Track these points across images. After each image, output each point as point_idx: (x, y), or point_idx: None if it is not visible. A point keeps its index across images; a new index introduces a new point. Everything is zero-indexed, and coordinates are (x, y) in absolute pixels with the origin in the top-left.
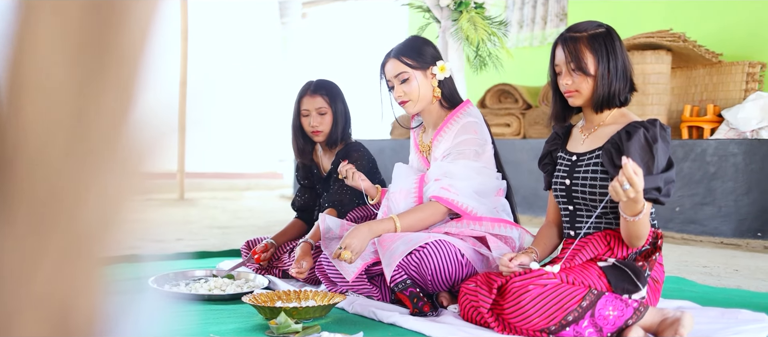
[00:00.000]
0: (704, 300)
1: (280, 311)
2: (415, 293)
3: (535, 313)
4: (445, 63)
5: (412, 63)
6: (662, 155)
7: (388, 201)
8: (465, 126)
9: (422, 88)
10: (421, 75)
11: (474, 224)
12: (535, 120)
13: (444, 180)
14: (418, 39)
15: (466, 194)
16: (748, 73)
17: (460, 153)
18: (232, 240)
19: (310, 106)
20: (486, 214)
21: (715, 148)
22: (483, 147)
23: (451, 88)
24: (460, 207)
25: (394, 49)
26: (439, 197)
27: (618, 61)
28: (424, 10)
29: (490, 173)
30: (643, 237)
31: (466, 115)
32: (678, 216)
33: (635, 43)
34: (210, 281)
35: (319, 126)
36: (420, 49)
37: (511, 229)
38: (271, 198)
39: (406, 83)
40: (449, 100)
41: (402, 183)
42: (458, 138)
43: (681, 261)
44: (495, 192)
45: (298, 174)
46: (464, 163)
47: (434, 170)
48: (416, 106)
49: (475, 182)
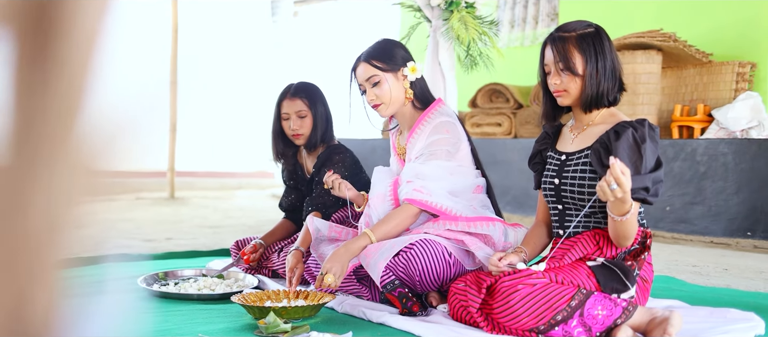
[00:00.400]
0: (693, 299)
1: (269, 310)
2: (404, 293)
3: (524, 312)
4: (415, 64)
5: (383, 66)
6: (651, 155)
7: (368, 207)
8: (437, 126)
9: (394, 90)
10: (393, 77)
11: (450, 224)
12: (526, 119)
13: (416, 182)
14: (388, 41)
15: (440, 194)
16: (738, 73)
17: (432, 154)
18: (222, 239)
19: (290, 109)
20: (463, 212)
21: (706, 148)
22: (456, 146)
23: (423, 88)
24: (435, 207)
25: (364, 53)
26: (411, 200)
27: (606, 61)
28: (415, 10)
29: (464, 171)
30: (631, 237)
31: (437, 114)
32: (668, 215)
33: (626, 43)
34: (199, 280)
35: (299, 129)
36: (390, 52)
37: (489, 226)
38: (262, 197)
39: (377, 86)
40: (422, 101)
41: (378, 187)
42: (430, 138)
43: (671, 260)
44: (471, 190)
45: (284, 175)
46: (436, 163)
47: (406, 172)
48: (389, 109)
49: (447, 181)
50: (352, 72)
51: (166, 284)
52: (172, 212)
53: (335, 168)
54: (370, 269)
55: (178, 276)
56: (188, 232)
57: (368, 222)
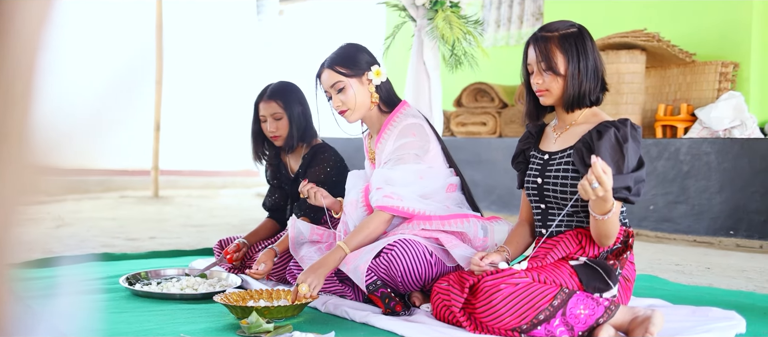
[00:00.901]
0: (676, 298)
1: (252, 310)
2: (387, 293)
3: (506, 312)
4: (379, 67)
5: (346, 71)
6: (633, 155)
7: (344, 215)
8: (403, 129)
9: (359, 95)
10: (357, 82)
11: (424, 224)
12: (511, 119)
13: (386, 188)
14: (351, 46)
15: (411, 198)
16: (721, 72)
17: (400, 158)
18: (206, 239)
19: (266, 112)
20: (436, 212)
21: (689, 147)
22: (424, 148)
23: (389, 91)
24: (407, 211)
25: (327, 59)
26: (382, 206)
27: (588, 61)
28: (400, 9)
29: (435, 172)
30: (613, 236)
31: (403, 117)
32: (652, 214)
33: (610, 43)
34: (182, 280)
35: (276, 131)
36: (353, 57)
37: (464, 223)
38: (247, 196)
39: (342, 92)
40: (388, 104)
41: (350, 194)
42: (397, 142)
43: (654, 259)
44: (444, 190)
45: (267, 175)
46: (405, 167)
47: (375, 179)
48: (355, 114)
49: (418, 185)
50: (317, 79)
51: (149, 283)
52: (156, 210)
53: (320, 167)
54: (352, 274)
55: (161, 276)
56: (172, 231)
57: (346, 230)
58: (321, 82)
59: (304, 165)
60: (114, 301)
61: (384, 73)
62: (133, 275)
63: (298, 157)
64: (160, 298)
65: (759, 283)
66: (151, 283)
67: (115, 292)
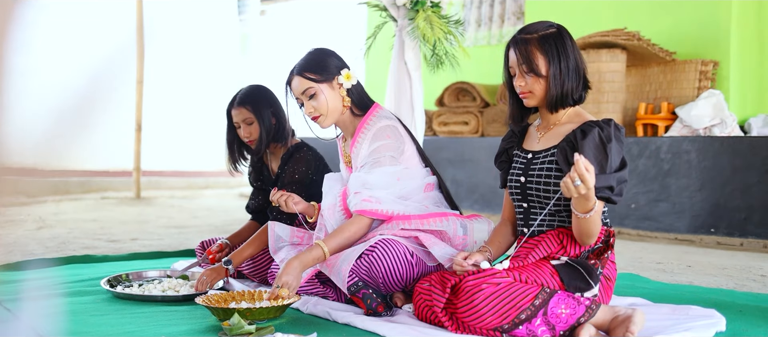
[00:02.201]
0: (657, 297)
1: (234, 312)
2: (369, 294)
3: (488, 312)
4: (349, 71)
5: (316, 77)
6: (616, 155)
7: (321, 218)
8: (377, 132)
9: (331, 100)
10: (328, 87)
11: (403, 223)
12: (493, 118)
13: (364, 191)
14: (320, 51)
15: (389, 201)
16: (700, 71)
17: (376, 161)
18: (188, 240)
19: (238, 118)
20: (414, 212)
21: (670, 146)
22: (399, 149)
23: (361, 94)
24: (386, 214)
25: (296, 66)
26: (361, 211)
27: (569, 60)
28: (381, 9)
29: (412, 173)
30: (594, 235)
31: (376, 119)
32: (634, 213)
33: (590, 42)
34: (164, 281)
35: (250, 136)
36: (323, 62)
37: (443, 221)
38: (230, 197)
39: (313, 98)
40: (360, 107)
41: (328, 198)
42: (373, 145)
43: (635, 258)
44: (421, 190)
45: (250, 177)
46: (382, 170)
47: (353, 183)
48: (327, 119)
49: (395, 187)
50: (287, 86)
51: (130, 285)
52: (138, 211)
53: (296, 167)
54: (334, 275)
55: (143, 278)
56: (154, 232)
57: (325, 232)
58: (291, 90)
59: (282, 165)
60: (95, 303)
61: (354, 77)
62: (115, 277)
63: (278, 158)
64: (142, 300)
65: (739, 281)
66: (132, 285)
67: (97, 294)
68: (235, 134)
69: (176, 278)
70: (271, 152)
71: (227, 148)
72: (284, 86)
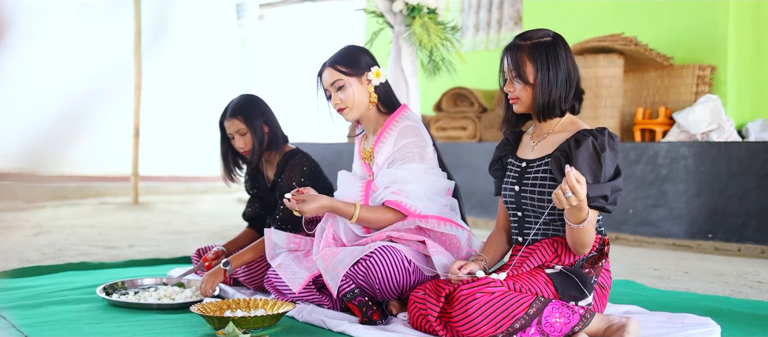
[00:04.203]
0: (652, 304)
1: (229, 320)
2: (364, 301)
3: (482, 321)
4: (379, 69)
5: (347, 70)
6: (610, 164)
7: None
8: (404, 130)
9: (358, 94)
10: (357, 82)
11: (420, 221)
12: (490, 123)
13: (393, 186)
14: (353, 47)
15: (417, 196)
16: (698, 76)
17: (404, 157)
18: (185, 246)
19: (231, 129)
20: (436, 213)
21: (667, 151)
22: (424, 149)
23: (388, 92)
24: (408, 209)
25: (329, 58)
26: (390, 201)
27: (559, 70)
28: (378, 15)
29: (438, 172)
30: (588, 245)
31: (403, 119)
32: (631, 218)
33: (588, 47)
34: (160, 289)
35: (244, 147)
36: (354, 57)
37: (457, 229)
38: (228, 202)
39: (342, 90)
40: (386, 105)
41: (347, 191)
42: (399, 142)
43: (632, 264)
44: (445, 192)
45: (247, 185)
46: (411, 166)
47: (383, 178)
48: (353, 112)
49: (425, 182)
50: (318, 77)
51: (126, 293)
52: (136, 217)
53: (292, 174)
54: (329, 276)
55: (138, 285)
56: (151, 238)
57: (335, 233)
58: (321, 81)
59: (278, 172)
60: (91, 311)
61: (383, 75)
62: (111, 285)
63: (273, 165)
64: (138, 308)
65: (735, 287)
66: (128, 293)
67: (93, 302)
68: (229, 145)
69: (172, 286)
70: (266, 160)
71: (222, 160)
72: (315, 78)
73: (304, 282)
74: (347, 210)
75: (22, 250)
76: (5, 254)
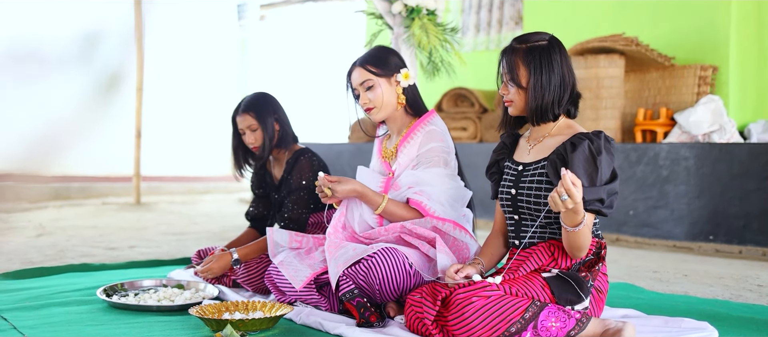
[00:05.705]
0: (650, 308)
1: (227, 323)
2: (363, 303)
3: (478, 325)
4: (408, 71)
5: (377, 71)
6: (606, 167)
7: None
8: (430, 134)
9: (386, 95)
10: (386, 82)
11: (436, 222)
12: (491, 124)
13: (416, 187)
14: (383, 48)
15: (438, 200)
16: (700, 76)
17: (429, 161)
18: (186, 247)
19: (243, 125)
20: (453, 219)
21: (668, 152)
22: (449, 155)
23: (415, 95)
24: (428, 210)
25: (359, 58)
26: (412, 201)
27: (553, 74)
28: (377, 17)
29: (458, 180)
30: (584, 248)
31: (431, 123)
32: (632, 219)
33: (589, 48)
34: (160, 291)
35: (255, 143)
36: (384, 58)
37: (470, 239)
38: (230, 202)
39: (370, 90)
40: (413, 107)
41: (368, 184)
42: (425, 146)
43: (631, 266)
44: (465, 201)
45: (253, 184)
46: (436, 171)
47: (407, 178)
48: (380, 112)
49: (448, 187)
50: (348, 77)
51: (126, 294)
52: (137, 218)
53: (302, 172)
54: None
55: (138, 287)
56: (152, 239)
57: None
58: (350, 81)
59: (288, 169)
60: (91, 313)
61: (412, 77)
62: (111, 287)
63: (281, 164)
64: (137, 310)
65: (735, 291)
66: (128, 294)
67: (93, 304)
68: (240, 140)
69: (172, 288)
70: (275, 158)
71: (233, 154)
72: (345, 77)
73: (306, 280)
74: (376, 199)
75: (24, 251)
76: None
